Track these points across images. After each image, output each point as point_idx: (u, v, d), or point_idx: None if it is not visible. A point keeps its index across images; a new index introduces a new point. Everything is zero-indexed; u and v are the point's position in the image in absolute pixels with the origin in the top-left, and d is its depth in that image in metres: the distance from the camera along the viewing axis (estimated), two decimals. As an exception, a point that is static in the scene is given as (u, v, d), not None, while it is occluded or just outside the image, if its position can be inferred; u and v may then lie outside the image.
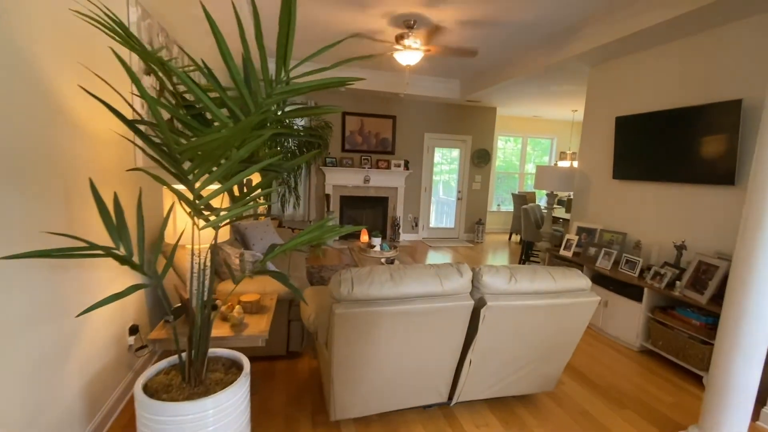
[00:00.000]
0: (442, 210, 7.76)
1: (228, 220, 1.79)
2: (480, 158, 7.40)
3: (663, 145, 3.27)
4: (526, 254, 5.48)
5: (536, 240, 5.23)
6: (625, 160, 3.68)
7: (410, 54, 3.91)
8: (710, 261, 2.72)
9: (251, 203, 1.35)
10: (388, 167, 6.68)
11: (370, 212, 6.92)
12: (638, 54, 3.61)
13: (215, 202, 1.70)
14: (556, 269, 2.01)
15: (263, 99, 1.19)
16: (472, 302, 1.79)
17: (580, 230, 4.07)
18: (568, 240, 4.03)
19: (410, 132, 6.93)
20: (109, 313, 1.92)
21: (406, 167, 6.79)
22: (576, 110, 7.20)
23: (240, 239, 4.04)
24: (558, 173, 4.26)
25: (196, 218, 1.33)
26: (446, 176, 7.61)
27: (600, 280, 3.51)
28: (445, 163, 7.50)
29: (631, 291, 3.19)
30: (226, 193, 1.43)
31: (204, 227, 1.28)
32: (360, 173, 6.56)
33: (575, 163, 7.52)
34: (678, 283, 2.85)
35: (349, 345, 1.70)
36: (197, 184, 1.24)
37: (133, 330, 2.16)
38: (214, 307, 2.03)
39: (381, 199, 6.89)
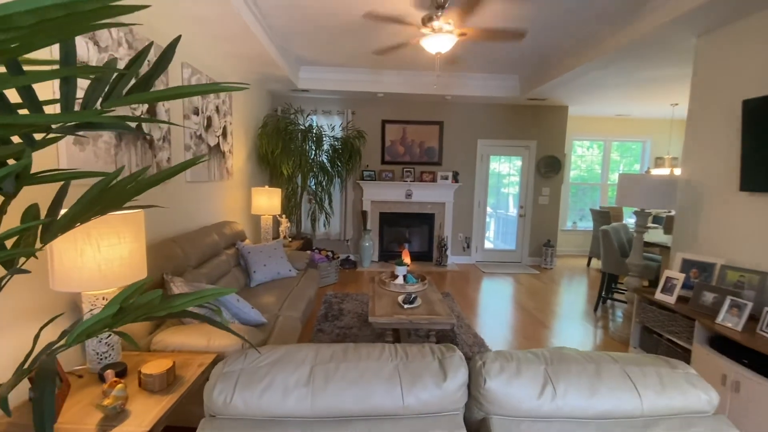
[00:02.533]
0: (501, 229, 6.65)
1: None
2: (548, 167, 6.20)
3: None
4: (607, 290, 4.22)
5: (620, 273, 3.97)
6: (761, 164, 2.44)
7: (440, 39, 3.12)
8: None
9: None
10: (434, 180, 5.83)
11: (414, 231, 6.11)
12: (781, 4, 2.40)
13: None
14: (643, 365, 1.06)
15: None
16: (462, 431, 0.95)
17: (688, 265, 2.85)
18: (668, 279, 2.83)
19: (460, 139, 6.02)
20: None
21: (455, 179, 5.88)
22: (677, 104, 5.68)
23: (244, 265, 3.54)
24: (650, 184, 3.09)
25: None
26: (505, 189, 6.52)
27: (724, 345, 2.30)
28: (504, 174, 6.43)
29: (784, 372, 1.98)
30: None
31: None
32: (401, 187, 5.81)
33: (677, 171, 5.93)
34: None
35: (230, 496, 0.96)
36: None
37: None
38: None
39: (426, 216, 6.05)
